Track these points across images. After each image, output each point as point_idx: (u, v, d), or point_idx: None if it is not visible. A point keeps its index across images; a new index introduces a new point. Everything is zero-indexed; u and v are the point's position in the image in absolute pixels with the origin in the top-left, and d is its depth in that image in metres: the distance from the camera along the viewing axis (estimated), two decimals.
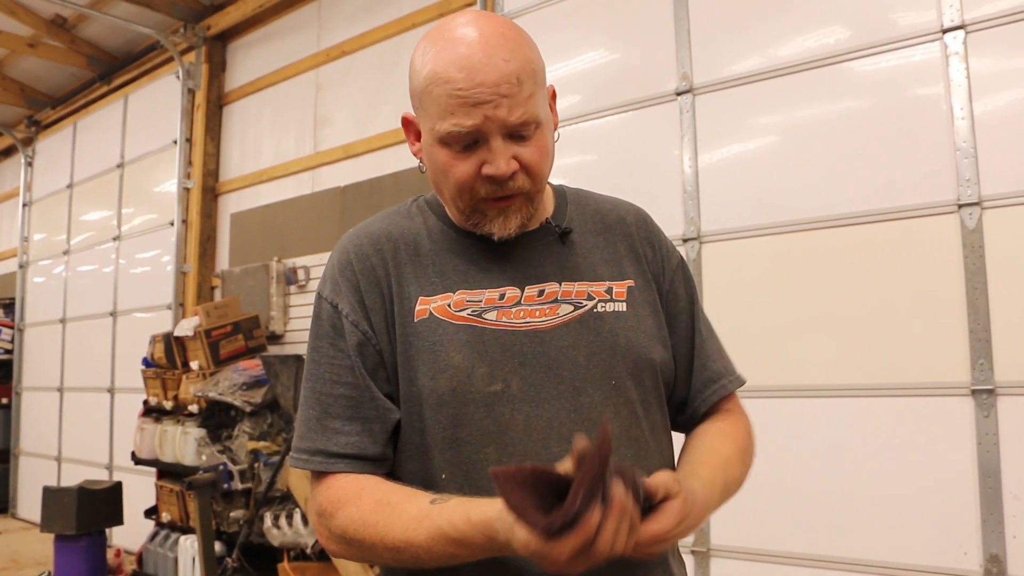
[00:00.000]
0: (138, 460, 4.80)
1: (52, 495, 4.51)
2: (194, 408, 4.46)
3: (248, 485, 4.06)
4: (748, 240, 3.01)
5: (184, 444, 4.44)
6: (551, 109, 1.05)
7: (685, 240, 3.13)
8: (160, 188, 6.00)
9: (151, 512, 4.75)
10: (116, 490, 4.67)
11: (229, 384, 4.27)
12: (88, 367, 6.52)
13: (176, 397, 4.67)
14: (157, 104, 6.07)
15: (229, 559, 3.91)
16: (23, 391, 7.49)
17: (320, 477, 1.01)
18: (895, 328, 2.67)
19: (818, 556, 2.74)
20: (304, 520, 3.73)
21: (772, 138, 3.02)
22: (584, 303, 1.05)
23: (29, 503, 7.09)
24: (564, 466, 0.79)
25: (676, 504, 0.84)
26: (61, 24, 6.22)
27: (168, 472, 4.64)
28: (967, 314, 2.52)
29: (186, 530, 4.44)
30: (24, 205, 7.79)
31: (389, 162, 4.51)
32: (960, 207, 2.55)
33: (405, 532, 0.89)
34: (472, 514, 0.85)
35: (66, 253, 7.06)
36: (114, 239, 6.41)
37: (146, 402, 4.93)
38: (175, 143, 5.79)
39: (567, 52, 3.56)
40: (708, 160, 3.13)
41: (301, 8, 5.24)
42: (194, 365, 4.57)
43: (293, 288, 4.95)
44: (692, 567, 2.99)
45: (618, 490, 0.76)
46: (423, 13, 4.39)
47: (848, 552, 2.69)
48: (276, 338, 4.96)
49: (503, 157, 0.96)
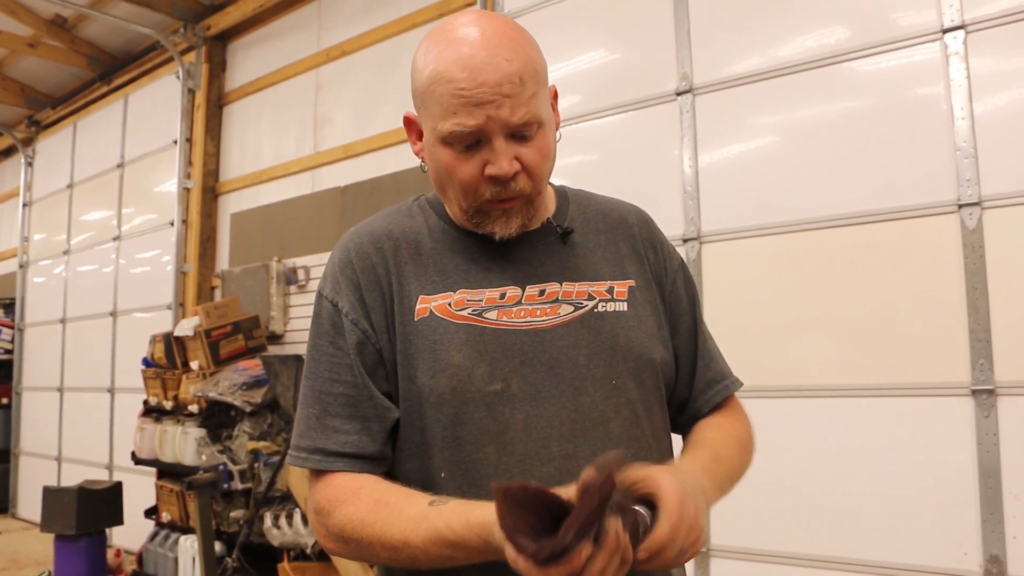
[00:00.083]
0: (138, 460, 4.80)
1: (52, 495, 4.51)
2: (194, 408, 4.46)
3: (248, 485, 4.06)
4: (748, 240, 3.01)
5: (184, 444, 4.44)
6: (553, 109, 1.05)
7: (685, 240, 3.13)
8: (160, 188, 6.00)
9: (151, 512, 4.75)
10: (116, 490, 4.68)
11: (229, 384, 4.27)
12: (88, 367, 6.52)
13: (176, 397, 4.67)
14: (157, 104, 6.07)
15: (229, 559, 3.91)
16: (23, 391, 7.49)
17: (319, 475, 1.01)
18: (895, 328, 2.67)
19: (818, 556, 2.74)
20: (304, 520, 3.73)
21: (772, 138, 3.02)
22: (585, 303, 1.05)
23: (29, 503, 7.08)
24: (568, 491, 0.78)
25: (670, 503, 0.82)
26: (61, 24, 6.22)
27: (168, 472, 4.64)
28: (967, 314, 2.52)
29: (186, 530, 4.44)
30: (24, 205, 7.79)
31: (389, 162, 4.51)
32: (960, 207, 2.55)
33: (403, 533, 0.89)
34: (470, 517, 0.85)
35: (66, 253, 7.05)
36: (114, 239, 6.41)
37: (146, 402, 4.93)
38: (175, 143, 5.79)
39: (567, 52, 3.56)
40: (708, 160, 3.13)
41: (301, 8, 5.24)
42: (194, 365, 4.57)
43: (293, 288, 4.95)
44: (692, 567, 2.99)
45: (613, 528, 0.76)
46: (423, 13, 4.39)
47: (848, 552, 2.69)
48: (276, 338, 4.96)
49: (505, 157, 0.96)
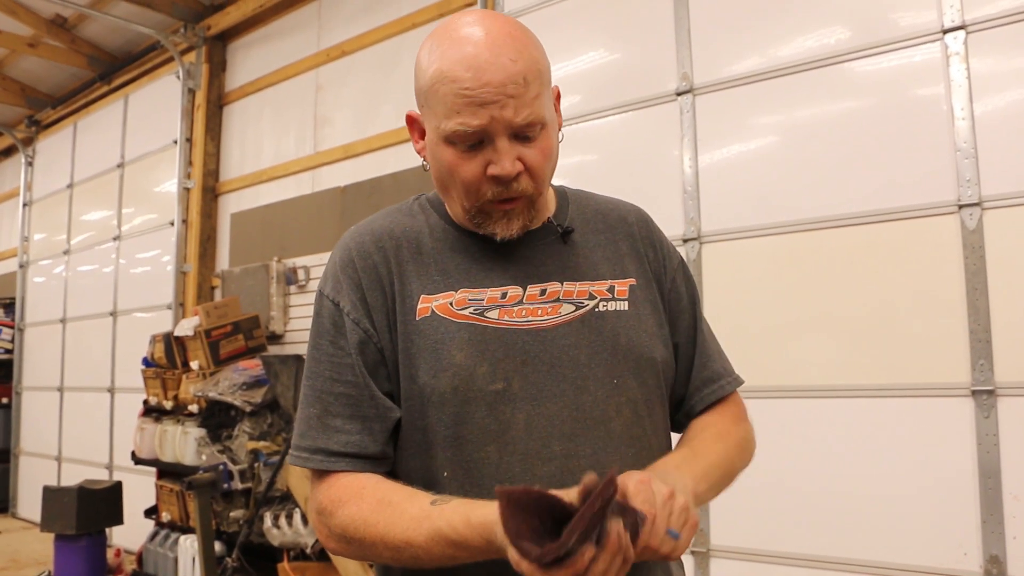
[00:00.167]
0: (138, 460, 4.80)
1: (52, 495, 4.51)
2: (194, 408, 4.46)
3: (248, 485, 4.06)
4: (748, 240, 3.01)
5: (184, 444, 4.44)
6: (556, 109, 1.05)
7: (685, 240, 3.13)
8: (160, 188, 6.00)
9: (151, 512, 4.75)
10: (116, 490, 4.68)
11: (229, 384, 4.27)
12: (88, 367, 6.52)
13: (176, 397, 4.66)
14: (157, 104, 6.07)
15: (229, 559, 3.91)
16: (23, 391, 7.49)
17: (320, 476, 1.01)
18: (895, 328, 2.67)
19: (818, 556, 2.74)
20: (304, 520, 3.73)
21: (772, 138, 3.02)
22: (585, 303, 1.05)
23: (29, 503, 7.08)
24: (570, 495, 0.79)
25: (631, 491, 0.82)
26: (61, 24, 6.22)
27: (168, 472, 4.64)
28: (967, 314, 2.52)
29: (186, 530, 4.44)
30: (24, 205, 7.79)
31: (389, 162, 4.51)
32: (960, 207, 2.55)
33: (405, 532, 0.89)
34: (472, 516, 0.85)
35: (66, 253, 7.05)
36: (114, 239, 6.41)
37: (146, 402, 4.93)
38: (175, 143, 5.79)
39: (567, 52, 3.56)
40: (708, 160, 3.13)
41: (301, 8, 5.24)
42: (194, 365, 4.57)
43: (293, 288, 4.95)
44: (692, 567, 2.99)
45: (615, 529, 0.76)
46: (423, 13, 4.39)
47: (848, 552, 2.69)
48: (276, 338, 4.96)
49: (508, 158, 0.95)
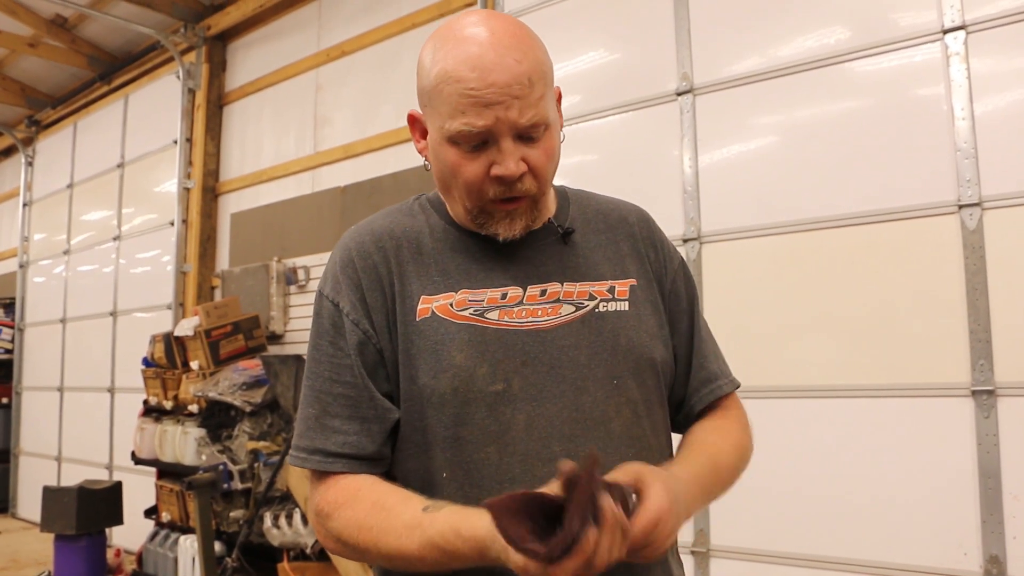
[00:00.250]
0: (138, 460, 4.80)
1: (52, 495, 4.51)
2: (194, 408, 4.46)
3: (248, 485, 4.06)
4: (748, 240, 3.01)
5: (184, 444, 4.44)
6: (557, 110, 1.05)
7: (685, 240, 3.12)
8: (160, 188, 6.00)
9: (151, 512, 4.75)
10: (116, 490, 4.68)
11: (229, 384, 4.27)
12: (88, 367, 6.52)
13: (176, 397, 4.67)
14: (157, 104, 6.07)
15: (229, 559, 3.91)
16: (23, 391, 7.49)
17: (319, 476, 1.01)
18: (895, 328, 2.66)
19: (818, 556, 2.74)
20: (304, 520, 3.73)
21: (772, 138, 3.02)
22: (586, 303, 1.05)
23: (29, 503, 7.08)
24: (552, 488, 0.80)
25: (653, 497, 0.83)
26: (61, 24, 6.22)
27: (168, 472, 4.64)
28: (967, 314, 2.52)
29: (186, 530, 4.44)
30: (24, 205, 7.79)
31: (389, 162, 4.51)
32: (960, 207, 2.55)
33: (399, 539, 0.90)
34: (462, 529, 0.85)
35: (66, 253, 7.05)
36: (114, 239, 6.41)
37: (146, 402, 4.93)
38: (175, 143, 5.79)
39: (567, 52, 3.55)
40: (708, 160, 3.13)
41: (301, 8, 5.24)
42: (194, 365, 4.57)
43: (293, 288, 4.95)
44: (692, 567, 2.99)
45: (608, 504, 0.77)
46: (423, 13, 4.39)
47: (848, 552, 2.68)
48: (276, 338, 4.96)
49: (512, 158, 0.95)
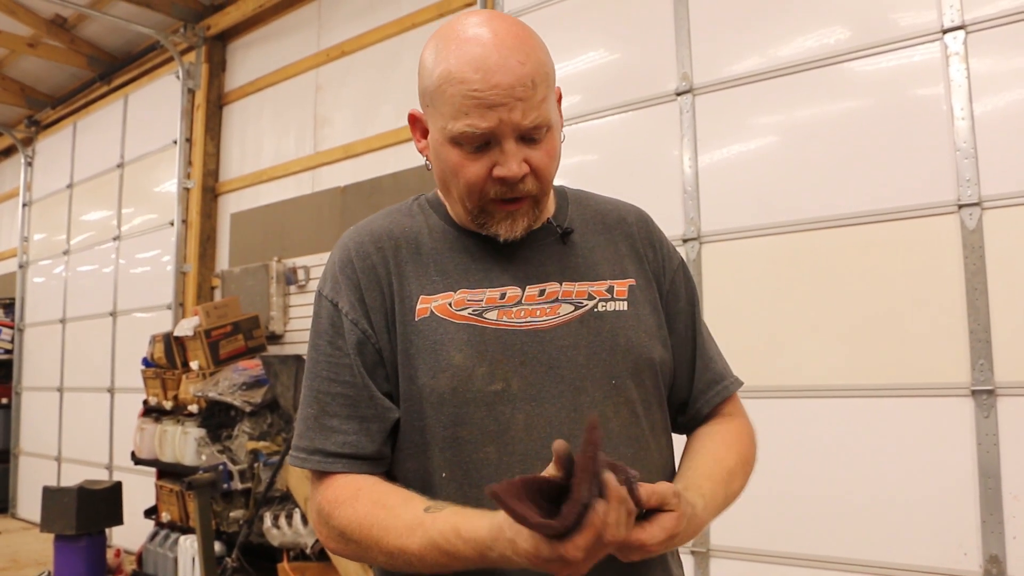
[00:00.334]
0: (138, 460, 4.80)
1: (52, 495, 4.51)
2: (194, 408, 4.46)
3: (248, 485, 4.06)
4: (748, 240, 3.01)
5: (184, 444, 4.44)
6: (558, 110, 1.05)
7: (685, 240, 3.13)
8: (160, 188, 6.00)
9: (151, 512, 4.75)
10: (116, 490, 4.67)
11: (229, 384, 4.27)
12: (88, 367, 6.52)
13: (176, 397, 4.67)
14: (157, 104, 6.07)
15: (229, 559, 3.91)
16: (23, 391, 7.49)
17: (320, 476, 1.01)
18: (895, 328, 2.66)
19: (817, 556, 2.74)
20: (304, 520, 3.73)
21: (772, 138, 3.02)
22: (584, 303, 1.05)
23: (29, 503, 7.08)
24: (549, 470, 0.80)
25: (670, 519, 0.84)
26: (61, 24, 6.22)
27: (168, 472, 4.64)
28: (967, 314, 2.52)
29: (186, 530, 4.44)
30: (24, 205, 7.79)
31: (389, 162, 4.51)
32: (960, 207, 2.55)
33: (399, 539, 0.90)
34: (463, 529, 0.85)
35: (66, 253, 7.05)
36: (114, 239, 6.41)
37: (146, 402, 4.93)
38: (175, 143, 5.79)
39: (567, 52, 3.55)
40: (708, 160, 3.13)
41: (301, 8, 5.24)
42: (194, 365, 4.57)
43: (293, 288, 4.95)
44: (692, 567, 2.99)
45: (612, 479, 0.76)
46: (423, 13, 4.39)
47: (848, 552, 2.69)
48: (276, 338, 4.96)
49: (515, 159, 0.96)
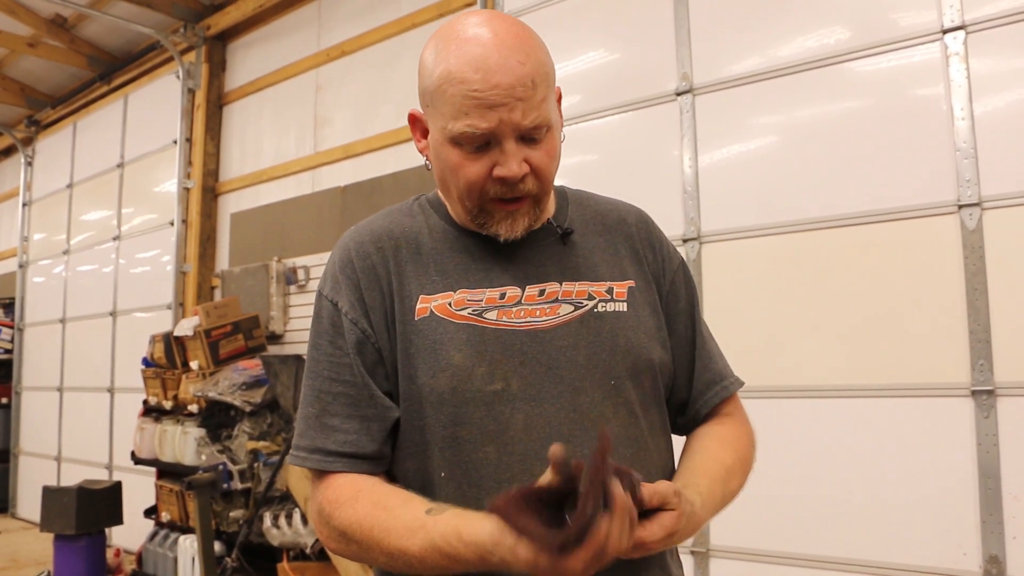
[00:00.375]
0: (138, 460, 4.80)
1: (52, 495, 4.51)
2: (194, 408, 4.46)
3: (248, 485, 4.06)
4: (748, 240, 3.01)
5: (184, 444, 4.44)
6: (558, 110, 1.05)
7: (685, 240, 3.12)
8: (160, 188, 6.00)
9: (151, 512, 4.75)
10: (116, 490, 4.67)
11: (229, 384, 4.27)
12: (88, 367, 6.52)
13: (176, 397, 4.66)
14: (157, 104, 6.07)
15: (229, 559, 3.91)
16: (23, 391, 7.49)
17: (320, 476, 1.01)
18: (895, 328, 2.66)
19: (817, 556, 2.74)
20: (304, 520, 3.73)
21: (772, 138, 3.02)
22: (584, 303, 1.04)
23: (29, 503, 7.08)
24: (545, 478, 0.80)
25: (670, 518, 0.86)
26: (61, 24, 6.22)
27: (168, 472, 4.64)
28: (967, 314, 2.52)
29: (186, 530, 4.44)
30: (24, 205, 7.79)
31: (389, 162, 4.51)
32: (960, 208, 2.55)
33: (400, 540, 0.90)
34: (464, 532, 0.85)
35: (66, 253, 7.05)
36: (114, 239, 6.41)
37: (146, 402, 4.93)
38: (175, 143, 5.79)
39: (567, 52, 3.55)
40: (708, 160, 3.13)
41: (301, 8, 5.24)
42: (194, 365, 4.57)
43: (293, 288, 4.95)
44: (692, 567, 2.99)
45: (618, 490, 0.76)
46: (423, 13, 4.39)
47: (847, 552, 2.68)
48: (276, 338, 4.96)
49: (515, 159, 0.96)
